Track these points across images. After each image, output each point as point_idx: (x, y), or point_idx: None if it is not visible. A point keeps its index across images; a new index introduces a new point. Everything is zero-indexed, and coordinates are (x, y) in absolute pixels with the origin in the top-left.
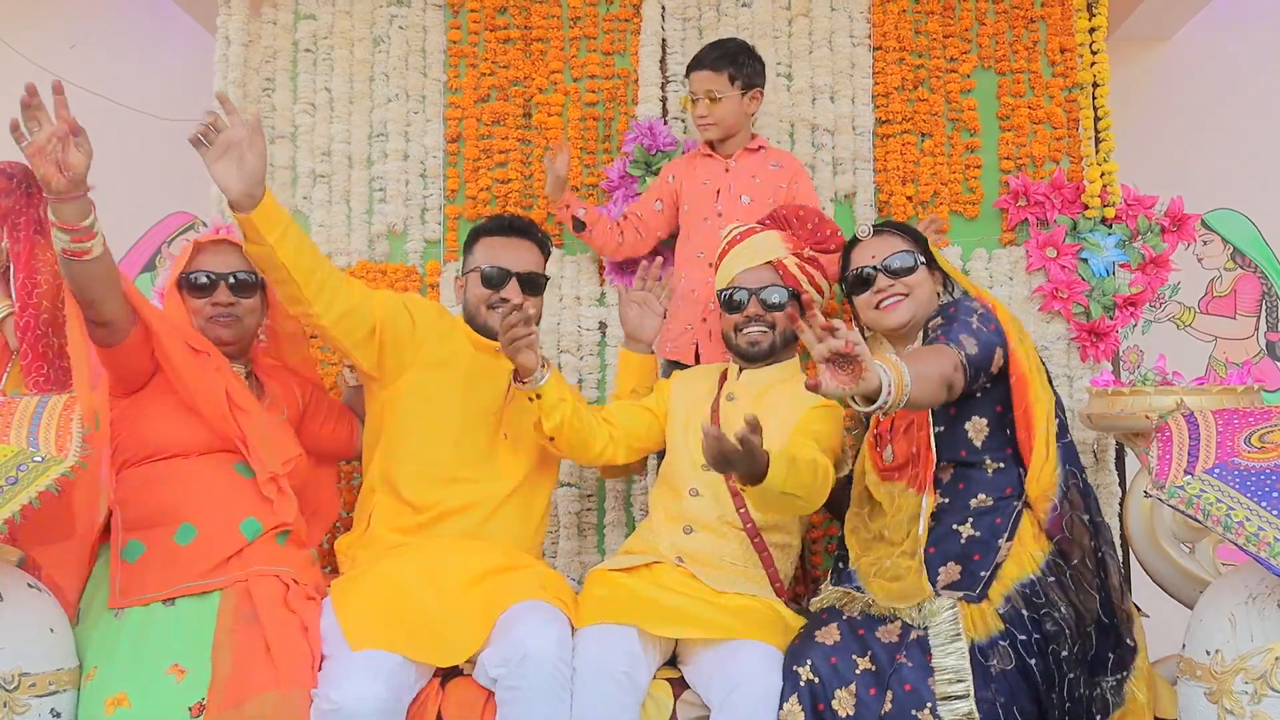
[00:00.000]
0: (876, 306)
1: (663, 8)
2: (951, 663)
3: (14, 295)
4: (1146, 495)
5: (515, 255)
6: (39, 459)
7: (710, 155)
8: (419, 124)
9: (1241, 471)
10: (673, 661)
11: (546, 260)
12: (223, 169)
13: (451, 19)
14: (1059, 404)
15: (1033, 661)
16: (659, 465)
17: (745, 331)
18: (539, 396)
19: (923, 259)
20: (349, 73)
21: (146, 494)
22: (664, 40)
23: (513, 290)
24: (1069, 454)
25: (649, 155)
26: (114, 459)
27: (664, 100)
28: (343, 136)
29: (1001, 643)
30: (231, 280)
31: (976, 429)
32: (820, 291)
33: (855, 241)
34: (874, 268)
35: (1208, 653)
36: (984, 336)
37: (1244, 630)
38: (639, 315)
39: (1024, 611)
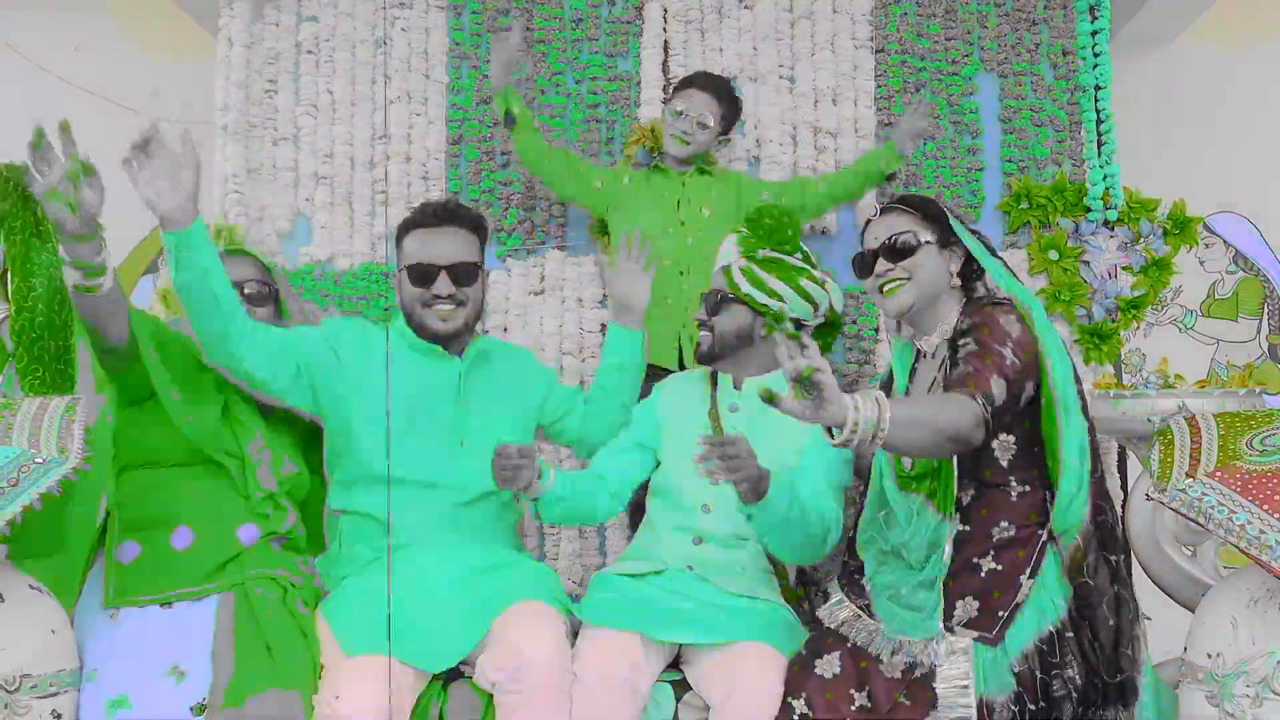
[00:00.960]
0: (879, 290)
1: (665, 10)
2: (960, 713)
3: (10, 298)
4: (1148, 498)
5: (443, 246)
6: (40, 460)
7: (662, 171)
8: (421, 126)
9: (1243, 474)
10: (675, 662)
11: (484, 241)
12: (152, 187)
13: (453, 21)
14: (1091, 429)
15: None
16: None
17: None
18: (535, 500)
19: (929, 237)
20: (351, 74)
21: (144, 497)
22: (666, 43)
23: (444, 284)
24: (1100, 489)
25: (651, 157)
26: (114, 462)
27: (666, 102)
28: (345, 138)
29: (1013, 707)
30: (245, 291)
31: (1004, 447)
32: (777, 295)
33: (868, 221)
34: (874, 250)
35: (1209, 656)
36: (1016, 373)
37: (1245, 633)
38: (628, 286)
39: (1038, 673)
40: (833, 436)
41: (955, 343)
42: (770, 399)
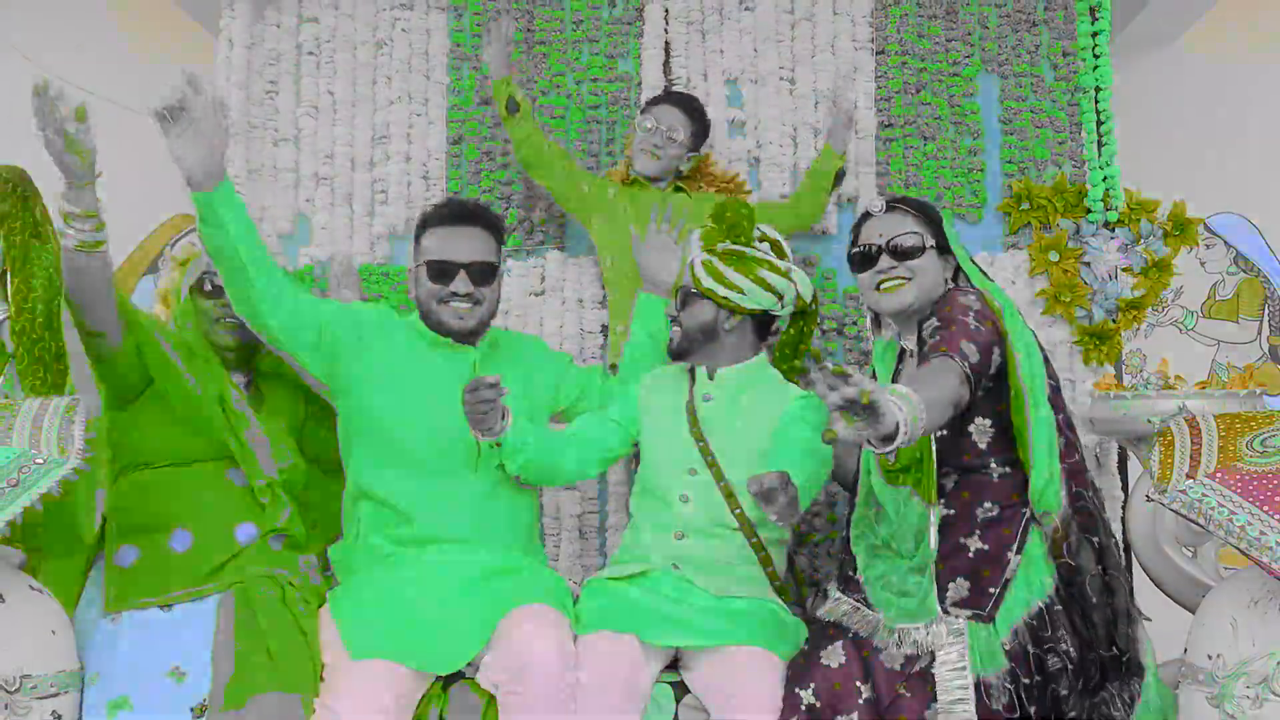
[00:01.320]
0: (876, 287)
1: (665, 11)
2: (957, 695)
3: (10, 298)
4: (1148, 499)
5: (463, 245)
6: (40, 460)
7: (643, 186)
8: (421, 126)
9: (1244, 475)
10: (675, 663)
11: (501, 243)
12: (183, 145)
13: (454, 21)
14: (1068, 420)
15: (1032, 709)
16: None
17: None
18: (499, 445)
19: (932, 242)
20: (351, 75)
21: (140, 500)
22: (667, 44)
23: (462, 283)
24: (1076, 475)
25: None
26: (109, 467)
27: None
28: (345, 139)
29: (1007, 685)
30: None
31: (980, 431)
32: (736, 288)
33: (868, 216)
34: (879, 246)
35: (1209, 657)
36: (983, 337)
37: (1245, 634)
38: (658, 260)
39: (1029, 648)
40: (873, 446)
41: (922, 327)
42: (832, 439)
